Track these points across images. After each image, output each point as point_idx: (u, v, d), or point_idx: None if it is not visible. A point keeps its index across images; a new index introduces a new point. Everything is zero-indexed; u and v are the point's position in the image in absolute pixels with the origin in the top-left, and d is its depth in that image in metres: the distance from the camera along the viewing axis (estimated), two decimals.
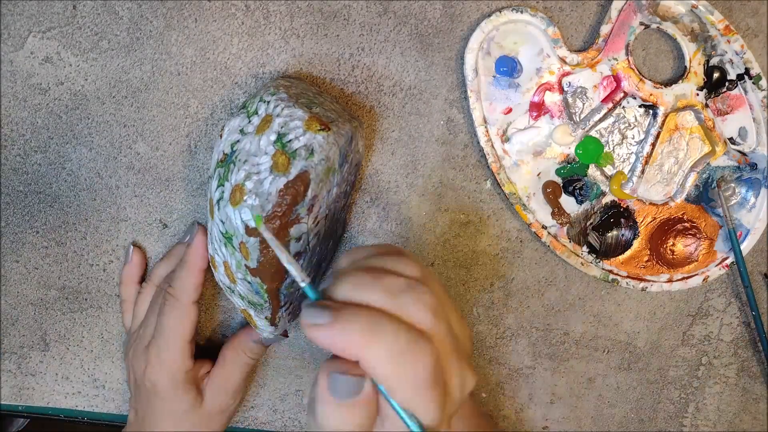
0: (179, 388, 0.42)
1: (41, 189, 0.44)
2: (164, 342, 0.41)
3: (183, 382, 0.42)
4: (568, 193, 0.46)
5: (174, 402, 0.42)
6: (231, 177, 0.35)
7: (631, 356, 0.51)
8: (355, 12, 0.43)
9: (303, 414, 0.50)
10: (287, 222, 0.35)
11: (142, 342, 0.42)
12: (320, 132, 0.35)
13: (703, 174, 0.47)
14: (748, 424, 0.53)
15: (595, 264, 0.47)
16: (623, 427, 0.52)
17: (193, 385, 0.43)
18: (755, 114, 0.46)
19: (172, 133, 0.44)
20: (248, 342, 0.44)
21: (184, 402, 0.42)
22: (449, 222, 0.47)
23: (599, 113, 0.45)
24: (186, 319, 0.42)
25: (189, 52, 0.43)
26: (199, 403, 0.43)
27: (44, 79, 0.42)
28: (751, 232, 0.47)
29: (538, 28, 0.43)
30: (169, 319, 0.41)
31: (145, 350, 0.42)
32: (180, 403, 0.42)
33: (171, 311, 0.41)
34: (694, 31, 0.45)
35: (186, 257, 0.42)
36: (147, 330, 0.43)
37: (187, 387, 0.42)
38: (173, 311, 0.41)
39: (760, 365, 0.52)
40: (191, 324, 0.42)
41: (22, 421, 0.66)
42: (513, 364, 0.50)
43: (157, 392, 0.42)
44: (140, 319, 0.44)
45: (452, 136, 0.45)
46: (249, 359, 0.44)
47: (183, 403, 0.42)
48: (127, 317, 0.46)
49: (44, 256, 0.46)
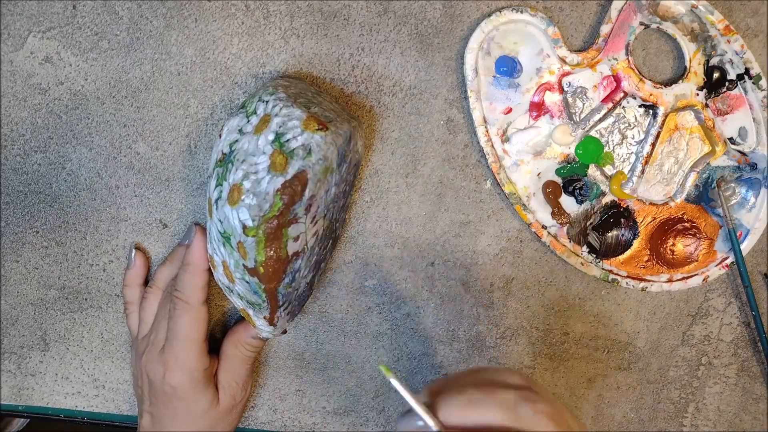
0: (199, 388, 0.42)
1: (41, 189, 0.44)
2: (180, 345, 0.42)
3: (202, 381, 0.42)
4: (568, 193, 0.46)
5: (194, 402, 0.43)
6: (229, 177, 0.35)
7: (631, 356, 0.51)
8: (355, 12, 0.43)
9: (303, 414, 0.50)
10: (285, 222, 0.35)
11: (155, 347, 0.43)
12: (318, 132, 0.35)
13: (703, 174, 0.47)
14: (748, 424, 0.53)
15: (595, 264, 0.47)
16: (623, 427, 0.52)
17: (211, 383, 0.43)
18: (755, 114, 0.46)
19: (172, 133, 0.44)
20: (246, 338, 0.44)
21: (203, 401, 0.43)
22: (449, 222, 0.47)
23: (599, 113, 0.45)
24: (198, 320, 0.42)
25: (189, 52, 0.43)
26: (217, 401, 0.44)
27: (44, 79, 0.42)
28: (751, 232, 0.47)
29: (538, 28, 0.43)
30: (182, 322, 0.42)
31: (160, 355, 0.42)
32: (200, 402, 0.43)
33: (182, 315, 0.42)
34: (694, 31, 0.45)
35: (187, 260, 0.42)
36: (159, 335, 0.43)
37: (207, 385, 0.43)
38: (184, 315, 0.42)
39: (760, 365, 0.52)
40: (204, 324, 0.42)
41: (22, 421, 0.66)
42: (513, 364, 0.50)
43: (177, 395, 0.42)
44: (148, 324, 0.45)
45: (452, 136, 0.45)
46: (250, 353, 0.45)
47: (203, 401, 0.43)
48: (133, 319, 0.46)
49: (44, 256, 0.46)
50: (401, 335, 0.49)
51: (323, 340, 0.49)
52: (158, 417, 0.43)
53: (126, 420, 0.49)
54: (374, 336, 0.49)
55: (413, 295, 0.48)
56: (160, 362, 0.42)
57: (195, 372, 0.42)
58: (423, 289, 0.48)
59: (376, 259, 0.47)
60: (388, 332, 0.49)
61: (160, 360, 0.42)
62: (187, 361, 0.42)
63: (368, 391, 0.50)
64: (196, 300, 0.42)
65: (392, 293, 0.48)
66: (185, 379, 0.42)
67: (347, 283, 0.48)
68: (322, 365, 0.49)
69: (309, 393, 0.50)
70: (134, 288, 0.46)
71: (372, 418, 0.50)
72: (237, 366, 0.45)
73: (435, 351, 0.49)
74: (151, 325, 0.44)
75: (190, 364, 0.42)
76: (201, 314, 0.42)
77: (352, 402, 0.50)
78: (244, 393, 0.45)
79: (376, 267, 0.47)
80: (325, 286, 0.47)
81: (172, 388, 0.42)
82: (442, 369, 0.50)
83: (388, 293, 0.48)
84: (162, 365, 0.42)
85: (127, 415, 0.49)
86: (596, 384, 0.51)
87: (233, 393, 0.44)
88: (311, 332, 0.48)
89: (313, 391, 0.50)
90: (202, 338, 0.42)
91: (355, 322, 0.48)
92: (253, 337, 0.44)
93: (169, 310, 0.42)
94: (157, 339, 0.43)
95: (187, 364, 0.42)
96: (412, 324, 0.49)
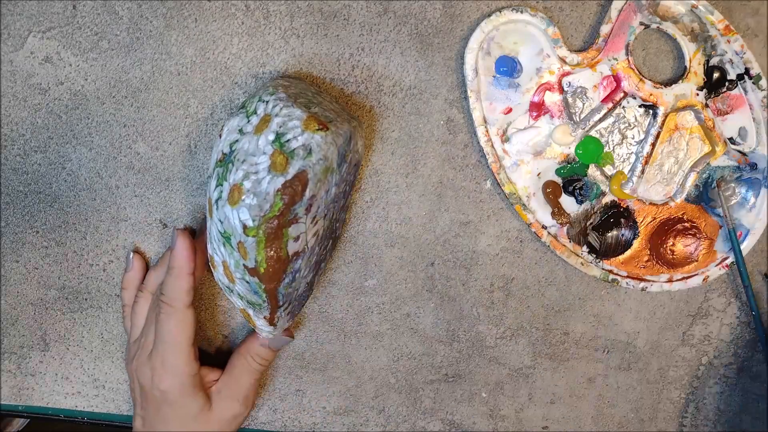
0: (187, 393, 0.42)
1: (41, 189, 0.44)
2: (166, 350, 0.41)
3: (191, 387, 0.42)
4: (568, 193, 0.46)
5: (183, 407, 0.42)
6: (229, 177, 0.35)
7: (631, 356, 0.51)
8: (355, 12, 0.43)
9: (303, 414, 0.50)
10: (285, 222, 0.35)
11: (144, 351, 0.43)
12: (318, 132, 0.35)
13: (703, 174, 0.47)
14: (748, 424, 0.53)
15: (595, 264, 0.47)
16: (623, 427, 0.52)
17: (201, 390, 0.43)
18: (755, 114, 0.46)
19: (172, 133, 0.44)
20: (256, 346, 0.44)
21: (192, 406, 0.42)
22: (449, 222, 0.47)
23: (599, 113, 0.45)
24: (184, 324, 0.42)
25: (189, 52, 0.43)
26: (207, 408, 0.43)
27: (44, 79, 0.42)
28: (751, 232, 0.47)
29: (538, 28, 0.43)
30: (167, 326, 0.41)
31: (148, 359, 0.42)
32: (189, 407, 0.42)
33: (167, 319, 0.41)
34: (694, 31, 0.45)
35: (171, 263, 0.42)
36: (147, 339, 0.43)
37: (195, 391, 0.42)
38: (170, 319, 0.41)
39: (760, 365, 0.52)
40: (190, 328, 0.42)
41: (22, 421, 0.66)
42: (513, 364, 0.50)
43: (166, 399, 0.42)
44: (139, 327, 0.44)
45: (452, 136, 0.45)
46: (258, 365, 0.44)
47: (192, 407, 0.42)
48: (128, 322, 0.46)
49: (44, 256, 0.46)
50: (401, 335, 0.49)
51: (323, 340, 0.49)
52: (149, 420, 0.43)
53: (126, 420, 0.49)
54: (374, 336, 0.49)
55: (413, 295, 0.48)
56: (149, 366, 0.42)
57: (183, 376, 0.42)
58: (423, 289, 0.48)
59: (376, 259, 0.47)
60: (388, 332, 0.49)
61: (148, 364, 0.42)
62: (175, 366, 0.41)
63: (368, 391, 0.50)
64: (182, 303, 0.41)
65: (392, 293, 0.48)
66: (174, 384, 0.42)
67: (347, 283, 0.48)
68: (322, 365, 0.49)
69: (309, 393, 0.50)
70: (131, 291, 0.45)
71: (372, 418, 0.50)
72: (242, 378, 0.44)
73: (435, 351, 0.49)
74: (141, 329, 0.44)
75: (177, 368, 0.41)
76: (187, 318, 0.42)
77: (352, 402, 0.50)
78: (243, 409, 0.45)
79: (376, 267, 0.47)
80: (325, 286, 0.47)
81: (161, 393, 0.42)
82: (442, 369, 0.50)
83: (388, 293, 0.48)
84: (150, 369, 0.42)
85: (127, 415, 0.49)
86: (596, 384, 0.51)
87: (230, 406, 0.44)
88: (311, 332, 0.48)
89: (313, 391, 0.50)
90: (189, 342, 0.42)
91: (355, 322, 0.48)
92: (262, 345, 0.44)
93: (155, 313, 0.42)
94: (146, 343, 0.43)
95: (174, 369, 0.41)
96: (412, 324, 0.49)
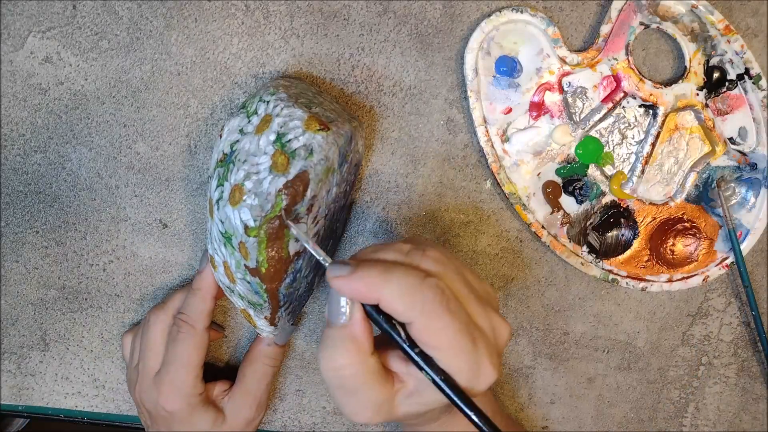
0: (196, 411, 0.42)
1: (41, 189, 0.44)
2: (178, 369, 0.41)
3: (199, 405, 0.42)
4: (568, 193, 0.46)
5: (194, 424, 0.42)
6: (230, 177, 0.35)
7: (631, 356, 0.51)
8: (355, 12, 0.43)
9: (303, 414, 0.50)
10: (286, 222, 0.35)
11: (145, 376, 0.42)
12: (319, 132, 0.35)
13: (703, 174, 0.47)
14: (748, 424, 0.53)
15: (595, 264, 0.47)
16: (623, 427, 0.52)
17: (210, 405, 0.43)
18: (755, 114, 0.46)
19: (172, 133, 0.44)
20: (263, 349, 0.44)
21: (204, 422, 0.42)
22: (449, 222, 0.47)
23: (599, 113, 0.45)
24: (200, 346, 0.42)
25: (189, 52, 0.43)
26: (221, 420, 0.43)
27: (44, 79, 0.42)
28: (751, 232, 0.47)
29: (538, 28, 0.43)
30: (184, 346, 0.41)
31: (153, 381, 0.42)
32: (200, 423, 0.42)
33: (186, 339, 0.41)
34: (694, 31, 0.45)
35: (197, 285, 0.42)
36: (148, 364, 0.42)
37: (205, 407, 0.42)
38: (188, 339, 0.41)
39: (760, 365, 0.52)
40: (204, 351, 0.42)
41: (22, 421, 0.66)
42: (513, 364, 0.50)
43: (176, 419, 0.42)
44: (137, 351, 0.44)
45: (452, 136, 0.45)
46: (268, 367, 0.44)
47: (203, 423, 0.42)
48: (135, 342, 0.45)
49: (44, 256, 0.46)
50: None
51: None
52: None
53: (126, 420, 0.49)
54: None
55: None
56: (155, 389, 0.42)
57: (191, 397, 0.42)
58: None
59: None
60: None
61: (154, 387, 0.42)
62: (183, 386, 0.41)
63: None
64: (201, 325, 0.42)
65: None
66: (183, 404, 0.42)
67: None
68: None
69: (309, 393, 0.50)
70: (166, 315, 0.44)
71: None
72: (254, 385, 0.44)
73: None
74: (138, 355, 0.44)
75: (185, 389, 0.41)
76: (204, 340, 0.42)
77: None
78: (257, 414, 0.45)
79: None
80: (325, 286, 0.47)
81: (169, 414, 0.42)
82: None
83: None
84: (156, 391, 0.42)
85: (127, 415, 0.49)
86: (596, 384, 0.51)
87: (244, 414, 0.44)
88: (311, 332, 0.48)
89: (313, 391, 0.50)
90: (200, 364, 0.42)
91: None
92: (268, 345, 0.44)
93: (171, 333, 0.42)
94: (148, 368, 0.42)
95: (182, 389, 0.41)
96: None
